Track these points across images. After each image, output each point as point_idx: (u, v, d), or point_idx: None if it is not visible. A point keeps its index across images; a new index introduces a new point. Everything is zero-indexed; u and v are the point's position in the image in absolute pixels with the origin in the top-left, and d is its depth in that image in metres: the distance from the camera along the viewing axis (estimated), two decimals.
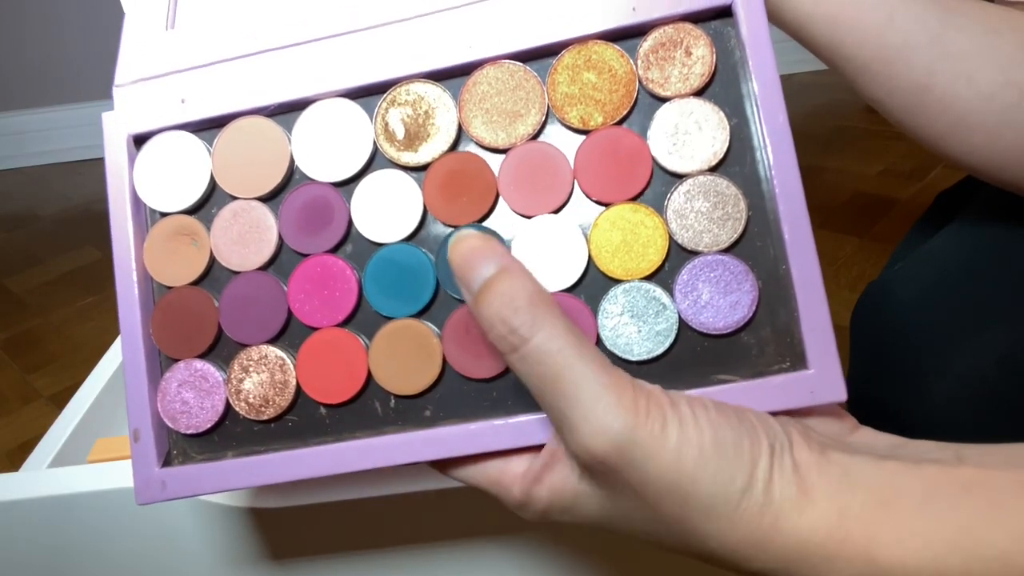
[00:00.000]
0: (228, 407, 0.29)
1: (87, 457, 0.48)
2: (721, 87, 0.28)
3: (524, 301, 0.23)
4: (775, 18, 0.39)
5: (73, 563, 0.41)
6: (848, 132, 1.43)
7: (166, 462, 0.29)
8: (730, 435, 0.24)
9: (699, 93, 0.28)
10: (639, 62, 0.28)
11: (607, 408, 0.23)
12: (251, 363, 0.30)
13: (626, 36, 0.28)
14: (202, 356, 0.30)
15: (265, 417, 0.29)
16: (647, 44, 0.28)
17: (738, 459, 0.23)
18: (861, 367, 0.57)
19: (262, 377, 0.29)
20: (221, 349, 0.30)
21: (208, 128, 0.31)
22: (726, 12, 0.28)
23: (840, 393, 0.26)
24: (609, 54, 0.28)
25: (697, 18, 0.28)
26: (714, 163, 0.27)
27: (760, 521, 0.23)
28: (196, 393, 0.30)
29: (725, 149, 0.27)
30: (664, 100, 0.28)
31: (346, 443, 0.28)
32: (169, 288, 0.30)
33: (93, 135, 1.69)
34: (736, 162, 0.28)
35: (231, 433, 0.30)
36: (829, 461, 0.24)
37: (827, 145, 1.39)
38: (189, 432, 0.29)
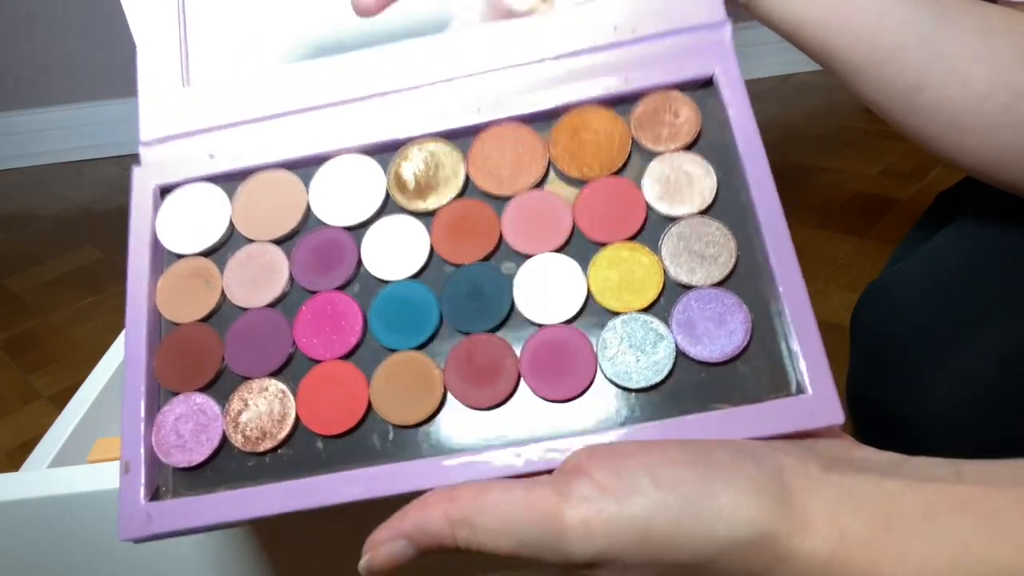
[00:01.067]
0: (224, 441, 0.29)
1: (87, 457, 0.48)
2: (707, 141, 0.31)
3: (446, 526, 0.25)
4: (767, 21, 0.39)
5: (73, 563, 0.41)
6: (848, 132, 1.43)
7: (154, 496, 0.29)
8: (702, 489, 0.23)
9: (688, 147, 0.31)
10: (632, 123, 0.31)
11: (556, 537, 0.24)
12: (251, 395, 0.30)
13: (619, 102, 0.32)
14: (202, 389, 0.30)
15: (261, 449, 0.29)
16: (639, 109, 0.31)
17: (711, 509, 0.23)
18: (861, 367, 0.57)
19: (261, 409, 0.29)
20: (223, 385, 0.30)
21: (231, 179, 0.33)
22: (708, 83, 0.31)
23: (837, 416, 0.26)
24: (605, 116, 0.31)
25: (682, 87, 0.31)
26: (703, 207, 0.30)
27: (756, 556, 0.23)
28: (193, 426, 0.29)
29: (713, 195, 0.30)
30: (656, 154, 0.31)
31: (339, 473, 0.28)
32: (177, 324, 0.31)
33: (93, 135, 1.69)
34: (724, 206, 0.30)
35: (224, 468, 0.29)
36: (828, 483, 0.24)
37: (827, 145, 1.39)
38: (182, 466, 0.29)
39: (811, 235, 1.12)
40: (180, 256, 0.33)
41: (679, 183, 0.30)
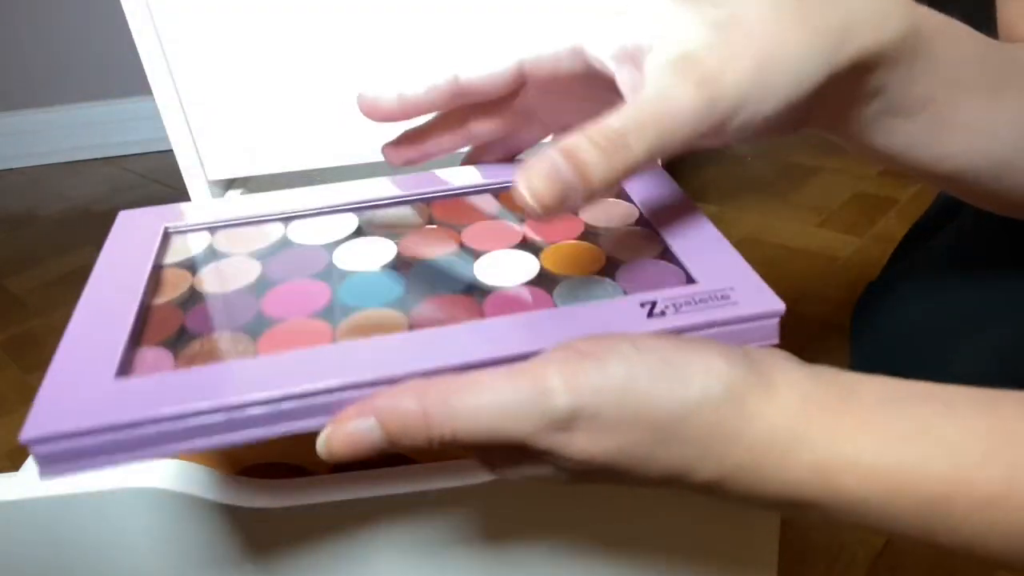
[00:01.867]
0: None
1: None
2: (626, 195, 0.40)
3: (419, 419, 0.24)
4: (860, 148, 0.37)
5: (73, 563, 0.41)
6: None
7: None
8: (678, 354, 0.25)
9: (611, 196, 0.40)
10: None
11: (538, 403, 0.24)
12: (209, 341, 0.30)
13: None
14: (156, 346, 0.30)
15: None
16: None
17: (686, 369, 0.25)
18: (861, 367, 0.57)
19: (218, 349, 0.29)
20: (178, 344, 0.30)
21: (216, 230, 0.39)
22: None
23: (777, 303, 0.29)
24: None
25: None
26: (629, 223, 0.38)
27: (726, 414, 0.25)
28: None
29: (636, 218, 0.38)
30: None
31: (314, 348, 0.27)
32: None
33: (93, 135, 1.69)
34: (645, 223, 0.38)
35: None
36: (789, 363, 0.27)
37: (827, 145, 1.39)
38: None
39: (811, 235, 1.12)
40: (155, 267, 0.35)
41: (607, 210, 0.39)
